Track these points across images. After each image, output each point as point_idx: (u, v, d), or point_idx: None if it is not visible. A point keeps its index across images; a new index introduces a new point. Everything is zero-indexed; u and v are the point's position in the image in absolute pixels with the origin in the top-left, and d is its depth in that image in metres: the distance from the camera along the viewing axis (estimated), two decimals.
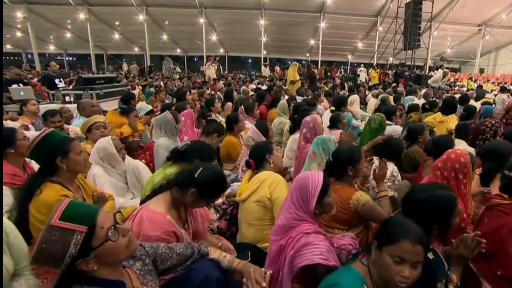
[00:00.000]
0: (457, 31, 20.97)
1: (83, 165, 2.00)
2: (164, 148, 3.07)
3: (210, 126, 2.92)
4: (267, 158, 2.25)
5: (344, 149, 2.24)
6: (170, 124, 3.14)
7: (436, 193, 1.59)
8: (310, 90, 8.61)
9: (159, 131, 3.15)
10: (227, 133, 3.71)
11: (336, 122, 4.09)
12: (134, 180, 2.79)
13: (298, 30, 22.03)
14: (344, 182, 2.11)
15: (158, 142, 3.11)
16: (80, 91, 6.00)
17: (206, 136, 2.92)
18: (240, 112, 4.42)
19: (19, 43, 24.58)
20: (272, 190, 2.03)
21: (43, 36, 23.32)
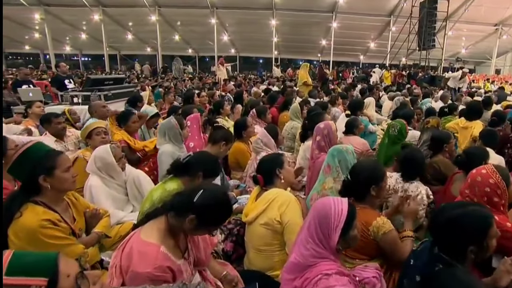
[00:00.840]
0: (472, 30, 20.23)
1: (71, 182, 1.75)
2: (168, 155, 2.82)
3: (217, 133, 2.65)
4: (277, 173, 1.96)
5: (366, 165, 1.93)
6: (174, 130, 2.88)
7: (469, 209, 1.39)
8: (323, 91, 8.26)
9: (162, 138, 2.90)
10: (235, 139, 3.45)
11: (352, 128, 3.77)
12: (135, 192, 2.54)
13: (310, 30, 21.62)
14: (365, 203, 1.79)
15: (162, 149, 2.86)
16: (88, 92, 5.85)
17: (212, 144, 2.65)
18: (252, 116, 4.14)
19: (37, 44, 24.91)
20: (282, 212, 1.74)
21: (60, 37, 23.53)
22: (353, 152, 2.36)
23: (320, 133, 2.82)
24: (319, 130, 2.84)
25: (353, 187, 1.82)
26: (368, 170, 1.84)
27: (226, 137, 2.65)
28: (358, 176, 1.83)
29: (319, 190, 2.30)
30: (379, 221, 1.67)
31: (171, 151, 2.81)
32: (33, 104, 4.33)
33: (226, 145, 2.65)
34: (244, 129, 3.35)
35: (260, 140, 2.89)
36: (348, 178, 1.84)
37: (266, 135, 2.88)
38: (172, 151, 2.83)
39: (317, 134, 2.84)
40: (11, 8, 19.78)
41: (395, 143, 3.19)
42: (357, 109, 4.52)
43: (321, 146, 2.77)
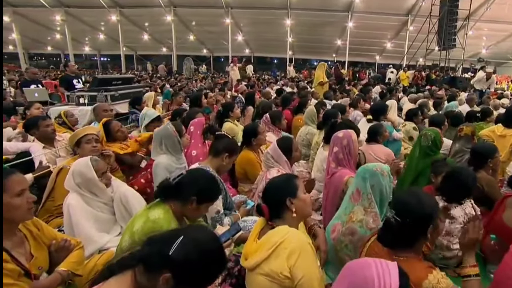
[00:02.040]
0: (494, 30, 19.08)
1: (25, 211, 1.34)
2: (164, 168, 2.40)
3: (218, 144, 2.19)
4: (288, 204, 1.45)
5: (420, 198, 1.34)
6: (172, 138, 2.46)
7: None
8: (339, 92, 7.70)
9: (158, 147, 2.47)
10: (244, 147, 3.00)
11: (376, 135, 3.27)
12: (123, 211, 2.13)
13: (325, 30, 20.93)
14: (411, 252, 1.29)
15: (157, 160, 2.44)
16: (95, 93, 5.52)
17: (213, 156, 2.20)
18: (265, 121, 3.67)
19: (58, 44, 25.15)
20: (292, 265, 1.23)
21: (79, 37, 23.71)
22: (389, 174, 1.86)
23: (338, 144, 2.34)
24: (337, 140, 2.36)
25: (400, 230, 1.29)
26: (427, 206, 1.30)
27: (230, 148, 2.20)
28: (411, 216, 1.29)
29: (344, 221, 1.82)
30: (433, 279, 1.16)
31: (167, 163, 2.39)
32: (31, 105, 3.99)
33: (229, 157, 2.20)
34: (254, 136, 2.89)
35: (270, 155, 2.42)
36: (395, 218, 1.30)
37: (275, 151, 2.40)
38: (169, 163, 2.40)
39: (334, 144, 2.36)
40: (34, 10, 20.06)
41: (428, 155, 2.66)
42: (381, 114, 3.98)
43: (339, 159, 2.29)
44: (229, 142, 2.22)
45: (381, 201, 1.83)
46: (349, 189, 1.90)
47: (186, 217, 1.68)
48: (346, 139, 2.31)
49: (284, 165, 2.43)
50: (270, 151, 2.45)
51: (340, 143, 2.32)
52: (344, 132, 2.40)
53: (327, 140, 2.76)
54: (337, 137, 2.37)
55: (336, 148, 2.30)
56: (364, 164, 1.94)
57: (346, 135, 2.36)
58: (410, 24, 19.19)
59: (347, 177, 2.17)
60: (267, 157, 2.45)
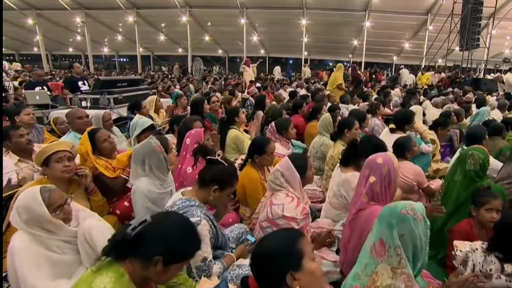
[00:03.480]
0: None
1: None
2: (143, 195, 1.93)
3: (207, 172, 1.69)
4: (290, 281, 0.96)
5: None
6: (156, 155, 1.97)
7: None
8: (356, 95, 7.07)
9: (140, 167, 1.97)
10: (249, 161, 2.49)
11: (404, 150, 2.70)
12: (88, 250, 1.65)
13: (341, 30, 20.10)
14: None
15: (136, 185, 1.96)
16: (98, 96, 5.15)
17: (200, 186, 1.70)
18: (270, 131, 3.13)
19: (79, 46, 25.38)
20: None
21: (98, 39, 23.81)
22: (424, 217, 1.30)
23: (377, 173, 1.73)
24: (375, 167, 1.75)
25: None
26: None
27: (221, 178, 1.67)
28: None
29: (365, 285, 1.27)
30: None
31: (147, 189, 1.91)
32: (21, 110, 3.60)
33: (220, 190, 1.68)
34: (258, 153, 2.38)
35: (281, 173, 1.90)
36: None
37: (289, 168, 1.88)
38: (149, 188, 1.92)
39: (371, 173, 1.76)
40: (56, 12, 20.20)
41: (473, 181, 2.07)
42: (405, 123, 3.39)
43: (375, 192, 1.71)
44: (220, 171, 1.68)
45: (414, 256, 1.29)
46: (370, 237, 1.36)
47: (151, 280, 1.19)
48: (387, 167, 1.71)
49: (296, 187, 1.92)
50: (281, 168, 1.92)
51: (380, 172, 1.72)
52: (384, 157, 1.79)
53: (346, 162, 2.22)
54: (375, 163, 1.76)
55: (374, 178, 1.71)
56: (390, 204, 1.39)
57: (387, 162, 1.74)
58: (430, 24, 18.18)
59: None
60: (276, 176, 1.92)
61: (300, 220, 1.79)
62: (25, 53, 27.77)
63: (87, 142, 2.42)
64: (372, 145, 2.21)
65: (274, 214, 1.80)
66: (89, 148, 2.40)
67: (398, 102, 7.31)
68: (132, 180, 1.99)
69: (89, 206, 2.12)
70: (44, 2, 19.22)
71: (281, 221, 1.78)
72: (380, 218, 1.34)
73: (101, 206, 2.19)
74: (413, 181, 2.67)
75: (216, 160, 1.70)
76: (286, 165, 1.92)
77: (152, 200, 1.91)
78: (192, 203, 1.67)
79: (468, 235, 1.88)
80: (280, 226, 1.79)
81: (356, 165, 2.18)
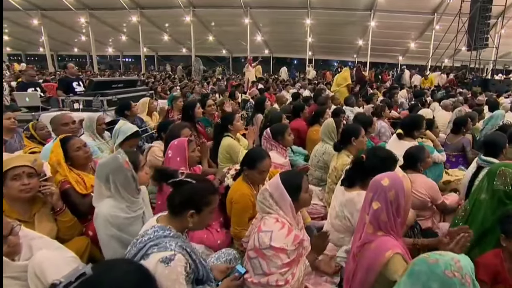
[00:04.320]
0: None
1: None
2: (105, 221, 1.62)
3: (176, 198, 1.36)
4: None
5: None
6: (124, 172, 1.65)
7: None
8: (361, 96, 6.72)
9: (104, 186, 1.65)
10: (244, 169, 2.18)
11: (416, 161, 2.38)
12: (39, 287, 1.38)
13: (346, 30, 19.67)
14: None
15: (98, 208, 1.66)
16: (90, 97, 4.89)
17: (172, 215, 1.39)
18: (265, 138, 2.81)
19: (84, 46, 25.30)
20: None
21: (103, 39, 23.71)
22: (473, 279, 0.97)
23: (381, 197, 1.40)
24: (379, 190, 1.42)
25: None
26: None
27: (194, 200, 1.36)
28: None
29: None
30: None
31: (111, 213, 1.61)
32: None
33: (198, 213, 1.38)
34: (249, 167, 2.08)
35: (269, 194, 1.60)
36: None
37: (278, 188, 1.57)
38: (113, 212, 1.62)
39: (374, 197, 1.43)
40: (61, 13, 20.14)
41: (502, 203, 1.74)
42: (415, 128, 3.05)
43: (381, 221, 1.39)
44: (190, 192, 1.37)
45: None
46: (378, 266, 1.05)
47: None
48: (395, 190, 1.38)
49: (288, 211, 1.60)
50: (269, 188, 1.62)
51: (385, 197, 1.39)
52: (392, 177, 1.43)
53: (351, 182, 1.90)
54: (379, 186, 1.43)
55: (378, 204, 1.39)
56: (423, 256, 1.06)
57: (395, 184, 1.40)
58: (436, 23, 17.70)
59: (389, 252, 1.30)
60: (264, 196, 1.62)
61: (290, 251, 1.49)
62: (31, 54, 27.78)
63: (58, 150, 2.14)
64: (380, 158, 1.88)
65: (261, 243, 1.50)
66: (60, 156, 2.12)
67: (404, 104, 6.96)
68: (94, 203, 1.69)
69: (55, 227, 1.84)
70: (49, 2, 19.13)
71: (268, 252, 1.48)
72: (413, 276, 1.00)
73: (71, 227, 1.90)
74: (426, 196, 2.36)
75: (182, 181, 1.38)
76: (276, 185, 1.60)
77: (118, 227, 1.62)
78: (167, 232, 1.37)
79: (497, 269, 1.57)
80: (268, 257, 1.49)
81: (362, 183, 1.87)
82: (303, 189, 1.63)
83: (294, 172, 1.69)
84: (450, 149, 3.75)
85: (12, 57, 25.99)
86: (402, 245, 1.38)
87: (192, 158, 2.19)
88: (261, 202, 1.61)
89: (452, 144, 3.79)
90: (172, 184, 1.37)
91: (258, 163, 2.04)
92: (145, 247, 1.33)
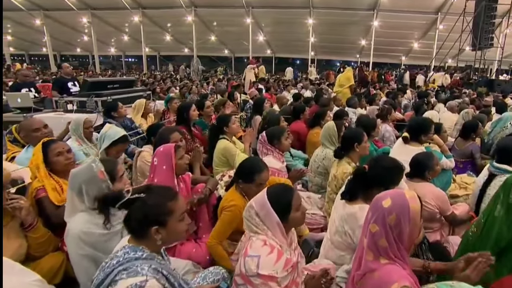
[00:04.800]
0: None
1: None
2: (77, 239, 1.44)
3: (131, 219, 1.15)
4: None
5: None
6: (97, 184, 1.48)
7: None
8: (364, 97, 6.50)
9: (77, 198, 1.47)
10: (238, 181, 1.99)
11: (423, 170, 2.18)
12: None
13: (349, 29, 19.44)
14: None
15: (70, 225, 1.47)
16: (85, 98, 4.73)
17: (136, 238, 1.15)
18: (261, 142, 2.61)
19: (86, 46, 25.27)
20: None
21: (105, 39, 23.61)
22: None
23: (379, 219, 1.18)
24: (379, 212, 1.19)
25: None
26: None
27: (152, 215, 1.15)
28: None
29: None
30: None
31: (83, 230, 1.42)
32: None
33: (163, 226, 1.16)
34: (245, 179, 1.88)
35: (255, 212, 1.40)
36: None
37: (264, 207, 1.38)
38: (83, 229, 1.43)
39: (372, 218, 1.21)
40: (63, 13, 20.08)
41: None
42: (423, 133, 2.84)
43: (380, 247, 1.18)
44: (144, 209, 1.16)
45: None
46: None
47: None
48: (396, 214, 1.15)
49: (276, 232, 1.40)
50: (255, 206, 1.42)
51: (383, 220, 1.16)
52: (395, 198, 1.18)
53: (352, 196, 1.70)
54: (379, 207, 1.19)
55: (376, 227, 1.17)
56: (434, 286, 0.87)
57: (397, 206, 1.16)
58: (440, 23, 17.42)
59: (396, 286, 1.10)
60: (250, 214, 1.42)
61: (281, 278, 1.30)
62: (35, 54, 27.76)
63: (39, 154, 1.98)
64: (384, 168, 1.68)
65: (247, 269, 1.31)
66: (40, 160, 1.95)
67: (408, 105, 6.74)
68: (66, 217, 1.50)
69: (25, 244, 1.66)
70: (51, 2, 19.06)
71: (256, 280, 1.29)
72: None
73: (44, 243, 1.73)
74: (434, 207, 2.16)
75: (130, 200, 1.19)
76: (262, 202, 1.39)
77: (92, 244, 1.43)
78: (139, 254, 1.18)
79: None
80: (256, 286, 1.30)
81: (365, 196, 1.67)
82: (294, 207, 1.41)
83: (283, 188, 1.47)
84: (458, 155, 3.52)
85: (16, 57, 25.97)
86: (410, 274, 1.18)
87: (180, 166, 2.00)
88: (247, 220, 1.42)
89: (461, 150, 3.56)
90: (122, 206, 1.17)
91: (256, 175, 1.84)
92: (113, 272, 1.14)
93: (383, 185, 1.57)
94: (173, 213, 1.18)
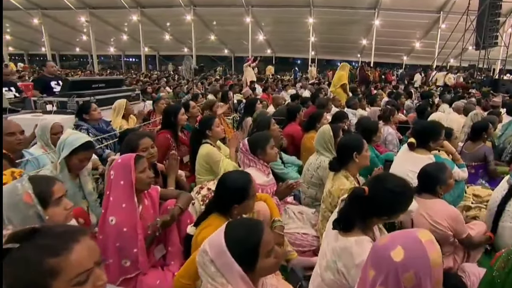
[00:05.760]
0: None
1: None
2: None
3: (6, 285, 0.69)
4: None
5: None
6: (21, 211, 1.12)
7: None
8: (364, 97, 6.14)
9: None
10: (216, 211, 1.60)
11: (435, 184, 1.82)
12: None
13: (350, 29, 19.06)
14: None
15: None
16: (65, 98, 4.39)
17: None
18: (242, 151, 2.23)
19: (85, 46, 24.98)
20: None
21: (104, 38, 23.35)
22: None
23: (390, 279, 0.81)
24: (389, 269, 0.82)
25: None
26: None
27: (29, 281, 0.71)
28: None
29: None
30: None
31: None
32: None
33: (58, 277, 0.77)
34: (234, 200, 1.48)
35: (210, 259, 1.02)
36: None
37: (220, 254, 1.00)
38: None
39: (379, 279, 0.83)
40: (62, 12, 19.81)
41: None
42: (432, 139, 2.46)
43: None
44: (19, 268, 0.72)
45: None
46: None
47: None
48: (414, 271, 0.80)
49: (239, 285, 1.00)
50: (210, 252, 1.02)
51: (396, 282, 0.81)
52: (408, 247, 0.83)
53: (346, 225, 1.31)
54: (388, 262, 0.83)
55: (376, 273, 0.83)
56: None
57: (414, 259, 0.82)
58: (442, 22, 17.02)
59: None
60: (204, 261, 1.03)
61: None
62: (34, 53, 27.50)
63: None
64: (391, 192, 1.30)
65: None
66: None
67: (411, 105, 6.36)
68: None
69: None
70: (49, 1, 18.79)
71: None
72: None
73: None
74: (447, 229, 1.80)
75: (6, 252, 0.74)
76: (218, 248, 1.01)
77: None
78: None
79: None
80: None
81: (363, 225, 1.30)
82: (263, 253, 1.02)
83: (247, 227, 1.06)
84: (468, 159, 3.16)
85: (15, 57, 25.71)
86: None
87: (141, 180, 1.65)
88: (201, 268, 1.04)
89: (471, 153, 3.20)
90: None
91: (246, 193, 1.49)
92: None
93: (387, 214, 1.21)
94: (59, 275, 0.75)
